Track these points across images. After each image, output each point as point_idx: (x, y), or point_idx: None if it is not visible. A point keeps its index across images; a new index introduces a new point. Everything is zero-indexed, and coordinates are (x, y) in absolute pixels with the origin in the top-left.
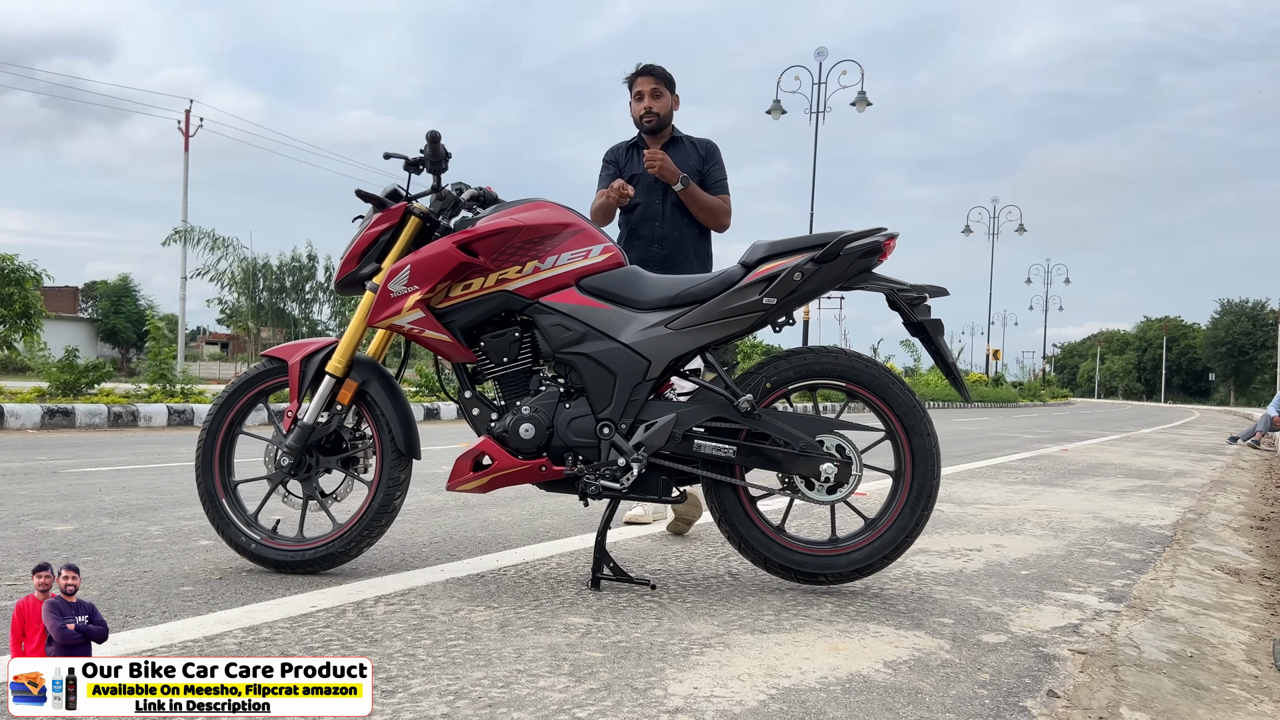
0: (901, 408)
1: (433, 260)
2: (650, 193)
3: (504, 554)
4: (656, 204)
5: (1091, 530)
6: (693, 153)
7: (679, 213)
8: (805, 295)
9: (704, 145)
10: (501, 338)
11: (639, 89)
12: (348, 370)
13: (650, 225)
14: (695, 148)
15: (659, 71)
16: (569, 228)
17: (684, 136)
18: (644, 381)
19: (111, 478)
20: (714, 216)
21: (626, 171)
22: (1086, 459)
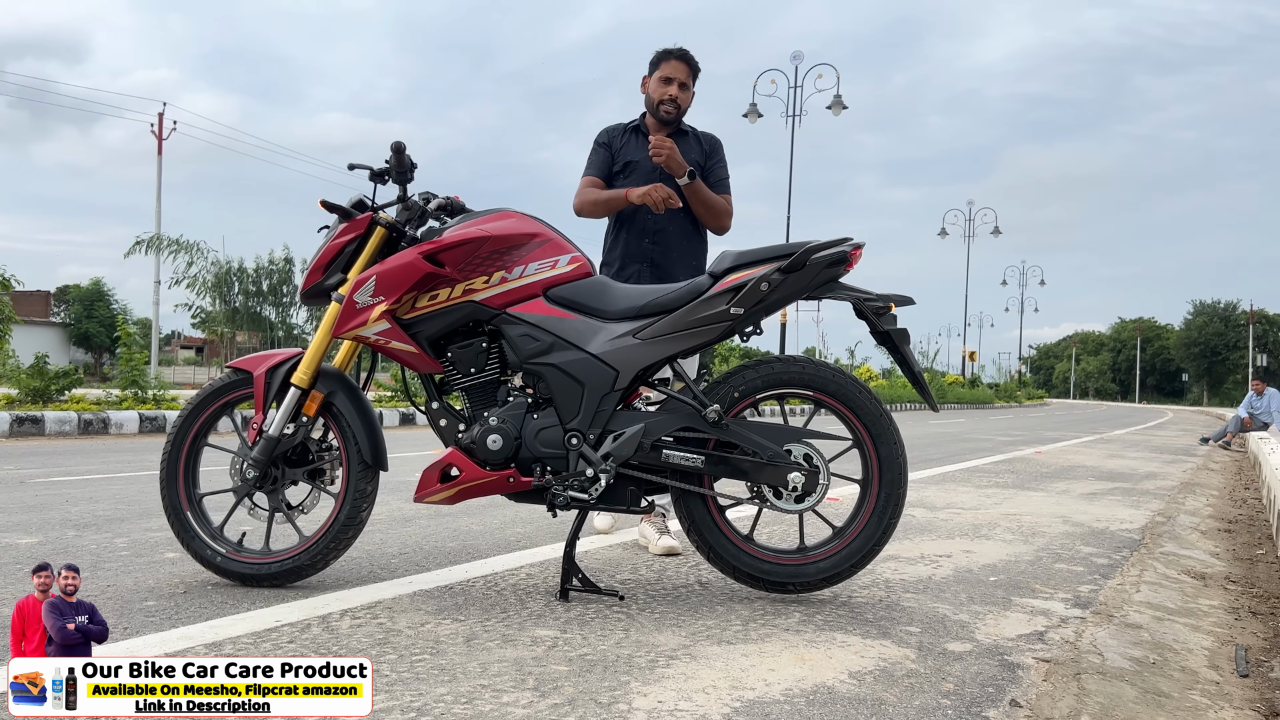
0: (868, 416)
1: (398, 271)
2: (647, 180)
3: (474, 564)
4: None
5: (1061, 535)
6: (695, 146)
7: (678, 209)
8: (772, 305)
9: (708, 139)
10: (469, 348)
11: (669, 73)
12: (313, 382)
13: (645, 219)
14: (699, 141)
15: (694, 62)
16: (536, 237)
17: (689, 129)
18: (612, 391)
19: (79, 488)
20: (716, 216)
21: (623, 156)
22: (1059, 461)
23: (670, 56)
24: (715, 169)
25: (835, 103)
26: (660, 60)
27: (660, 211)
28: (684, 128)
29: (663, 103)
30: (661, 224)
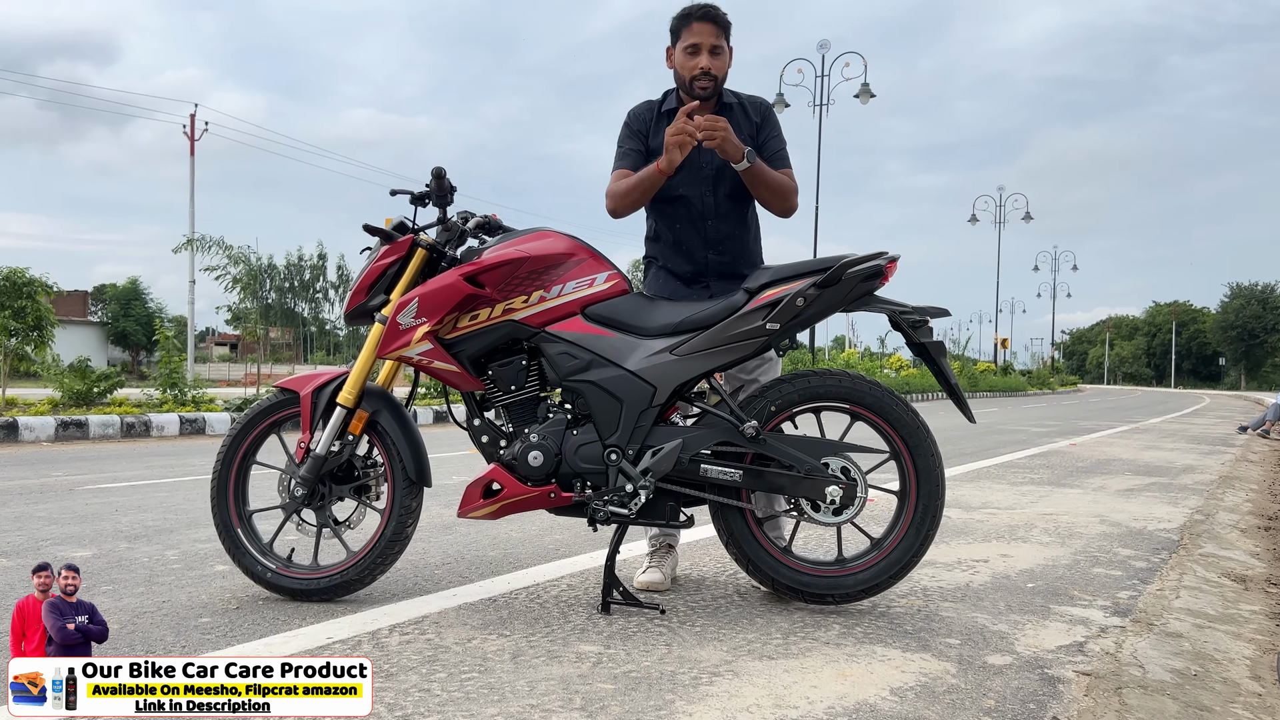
0: (905, 429)
1: (440, 293)
2: (696, 179)
3: (515, 575)
4: (706, 195)
5: (1099, 536)
6: (744, 120)
7: (735, 205)
8: (808, 319)
9: (757, 107)
10: (509, 366)
11: (694, 40)
12: (358, 401)
13: (700, 225)
14: (746, 112)
15: (722, 17)
16: (574, 256)
17: (734, 98)
18: (650, 408)
19: (126, 495)
20: (782, 197)
21: (659, 149)
22: (1094, 454)
23: (691, 19)
24: (770, 141)
25: (863, 91)
26: (680, 26)
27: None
28: (726, 99)
29: (696, 78)
30: (724, 232)
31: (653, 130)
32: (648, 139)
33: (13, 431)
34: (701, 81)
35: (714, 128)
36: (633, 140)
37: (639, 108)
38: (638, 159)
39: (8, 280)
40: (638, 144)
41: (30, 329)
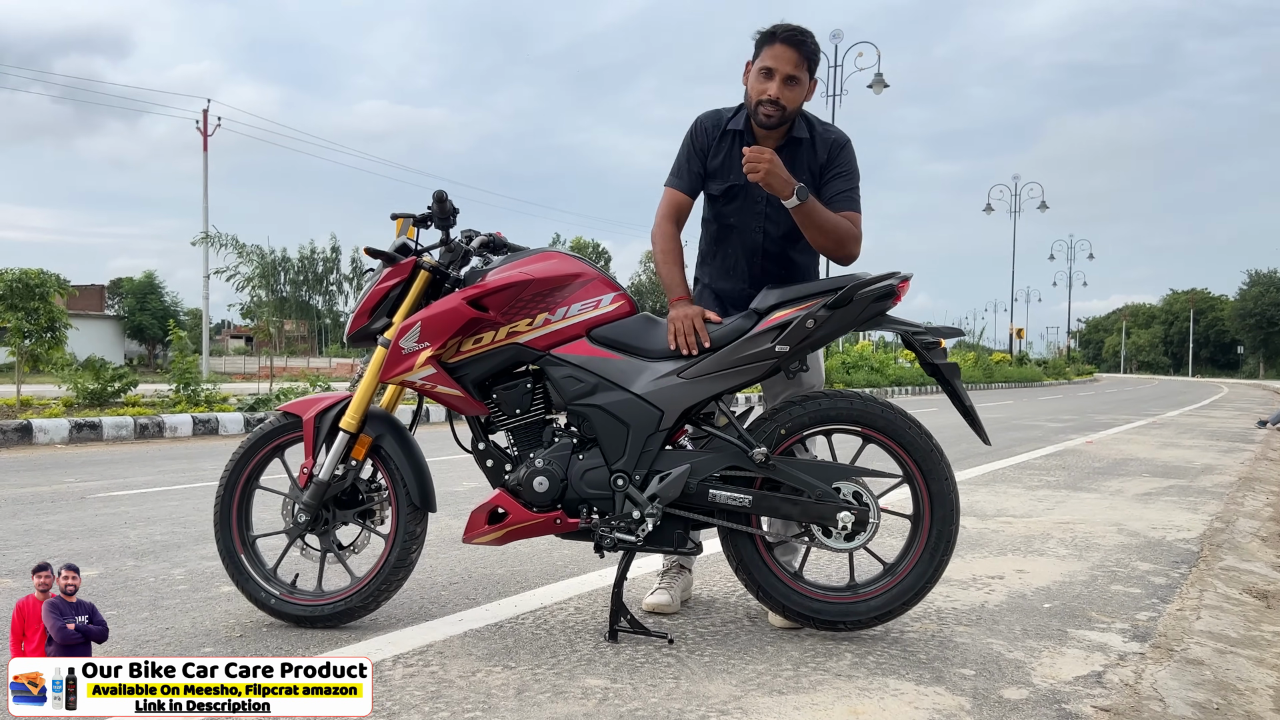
0: (918, 452)
1: (443, 317)
2: (750, 212)
3: (522, 597)
4: (756, 230)
5: (1116, 548)
6: (809, 155)
7: (789, 244)
8: (819, 341)
9: (830, 141)
10: (514, 389)
11: (770, 63)
12: (361, 425)
13: (751, 260)
14: (815, 145)
15: (809, 46)
16: (579, 277)
17: (804, 135)
18: (657, 432)
19: (137, 504)
20: (838, 244)
21: (720, 173)
22: (1111, 453)
23: (774, 40)
24: (834, 181)
25: (876, 81)
26: (761, 45)
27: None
28: (797, 134)
29: (761, 104)
30: (774, 268)
31: (714, 148)
32: (708, 158)
33: (27, 434)
34: (766, 109)
35: (758, 160)
36: (693, 159)
37: (706, 119)
38: (693, 182)
39: (20, 281)
40: (697, 164)
41: (44, 330)
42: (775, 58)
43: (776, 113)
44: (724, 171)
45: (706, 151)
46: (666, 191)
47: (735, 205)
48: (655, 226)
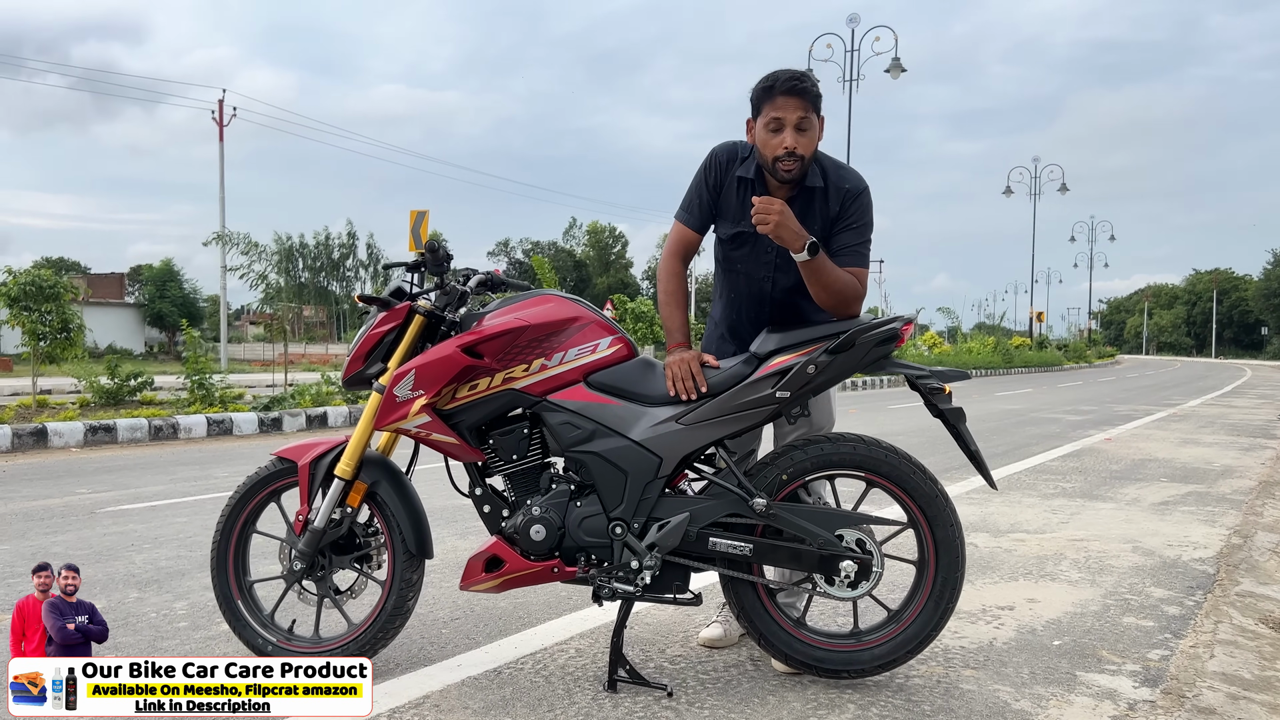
0: (923, 498)
1: (437, 365)
2: (758, 262)
3: (524, 636)
4: (765, 280)
5: (1130, 570)
6: (821, 205)
7: (799, 298)
8: (820, 386)
9: (843, 191)
10: (510, 435)
11: (778, 114)
12: (357, 472)
13: (758, 309)
14: (828, 196)
15: (812, 90)
16: (576, 321)
17: (817, 185)
18: (656, 479)
19: (146, 520)
20: (841, 302)
21: (729, 216)
22: (1130, 453)
23: (775, 92)
24: (844, 233)
25: (894, 66)
26: (761, 101)
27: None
28: (811, 183)
29: (779, 160)
30: (791, 318)
31: (728, 191)
32: (719, 195)
33: (42, 438)
34: (786, 164)
35: (768, 211)
36: (704, 193)
37: (722, 152)
38: (703, 218)
39: (33, 284)
40: (708, 199)
41: (57, 331)
42: (781, 109)
43: (796, 165)
44: (733, 216)
45: (719, 188)
46: (675, 226)
47: (743, 252)
48: (661, 263)
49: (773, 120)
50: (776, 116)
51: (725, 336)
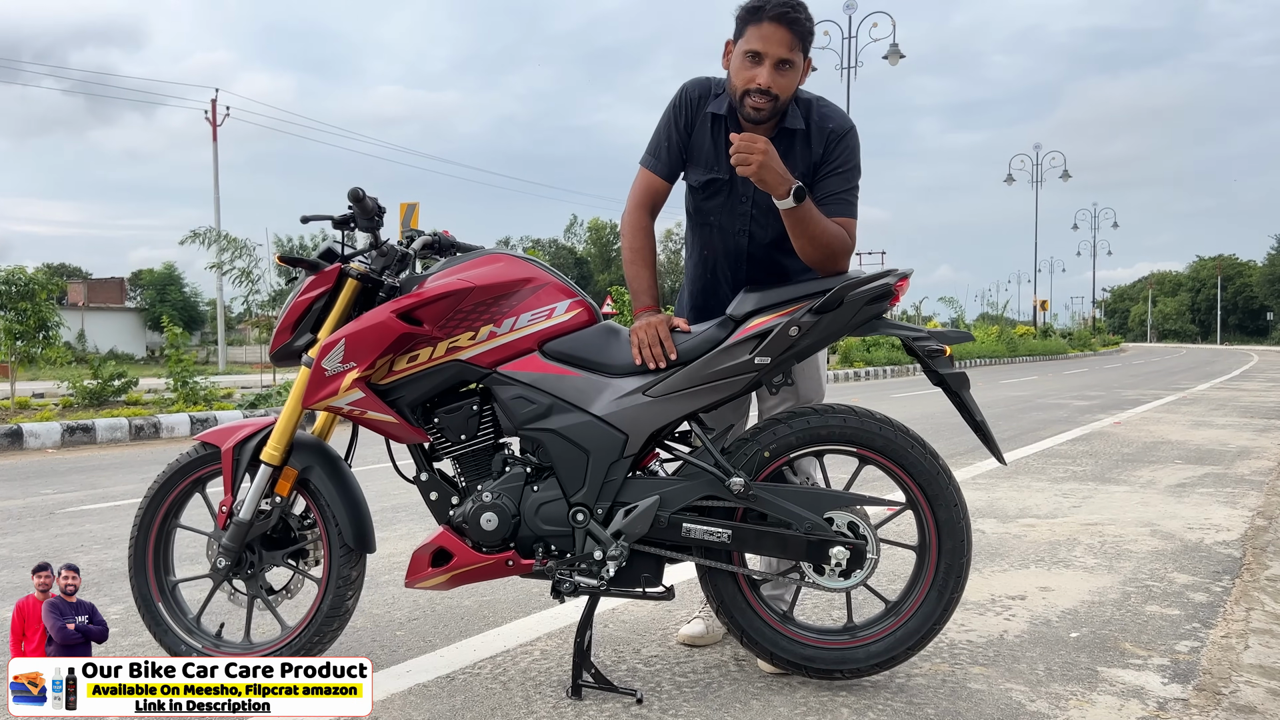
0: (923, 476)
1: (369, 333)
2: (732, 214)
3: (486, 637)
4: (740, 234)
5: (1150, 555)
6: (804, 146)
7: (778, 250)
8: (804, 351)
9: (826, 131)
10: (457, 413)
11: (757, 45)
12: (286, 457)
13: (734, 266)
14: (811, 138)
15: (804, 22)
16: (529, 283)
17: (801, 121)
18: (621, 459)
19: (104, 520)
20: (829, 255)
21: (700, 159)
22: (1141, 435)
23: (760, 16)
24: (829, 178)
25: (892, 52)
26: (746, 23)
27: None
28: (790, 124)
29: (749, 94)
30: (756, 274)
31: (700, 131)
32: (690, 136)
33: (18, 439)
34: (755, 100)
35: (750, 149)
36: (674, 134)
37: (693, 88)
38: (671, 164)
39: (6, 283)
40: (678, 139)
41: (35, 330)
42: (764, 39)
43: (768, 104)
44: (705, 160)
45: (691, 128)
46: (641, 174)
47: (717, 202)
48: (625, 216)
49: (752, 50)
50: (758, 48)
51: (698, 301)
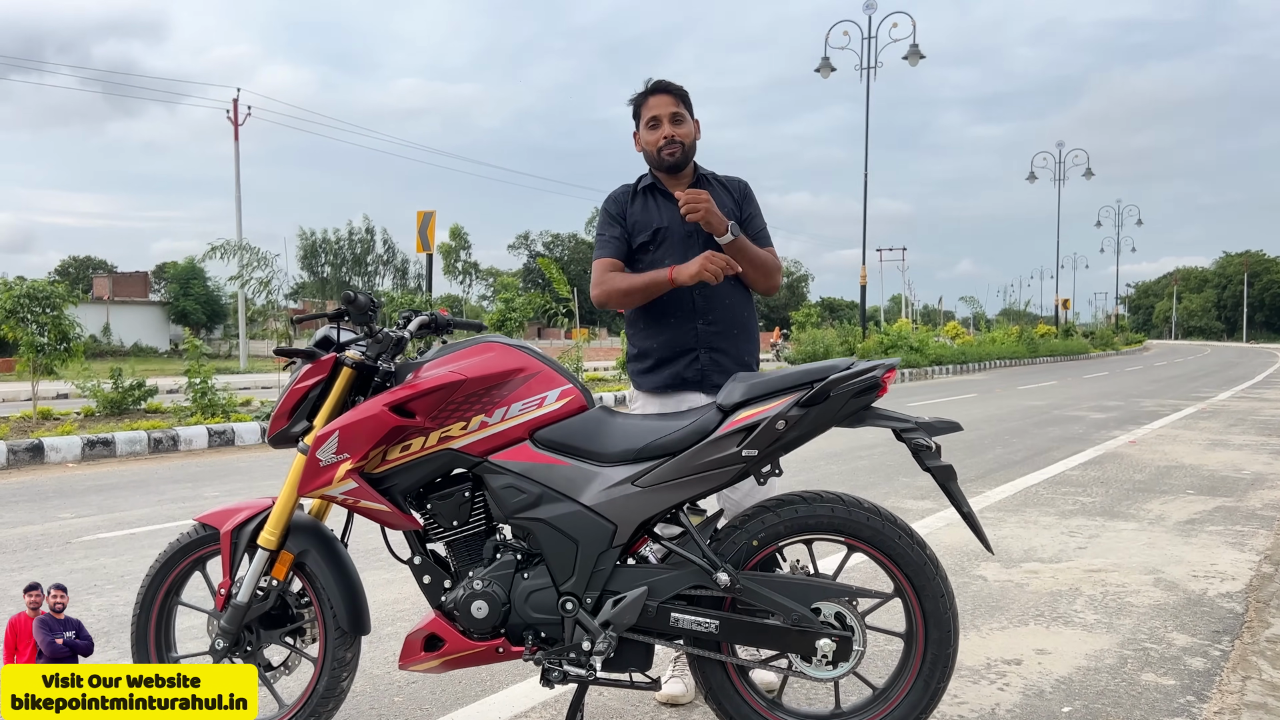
0: (910, 565)
1: (362, 426)
2: (681, 247)
3: (480, 706)
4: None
5: (1151, 610)
6: (724, 195)
7: (724, 290)
8: (791, 443)
9: (735, 185)
10: (449, 499)
11: (653, 113)
12: (282, 541)
13: (691, 297)
14: (726, 188)
15: (677, 89)
16: (520, 373)
17: (707, 173)
18: (610, 549)
19: (119, 553)
20: (767, 274)
21: (643, 225)
22: (1155, 457)
23: (646, 96)
24: (753, 218)
25: (912, 53)
26: (638, 105)
27: (719, 281)
28: (704, 173)
29: (662, 147)
30: (712, 300)
31: (629, 208)
32: (626, 219)
33: (39, 454)
34: (668, 149)
35: (696, 200)
36: (612, 226)
37: (617, 192)
38: (620, 246)
39: (28, 295)
40: (618, 229)
41: (56, 342)
42: (654, 107)
43: (678, 149)
44: (648, 220)
45: (623, 215)
46: (596, 263)
47: (665, 248)
48: (600, 287)
49: (651, 119)
50: (654, 115)
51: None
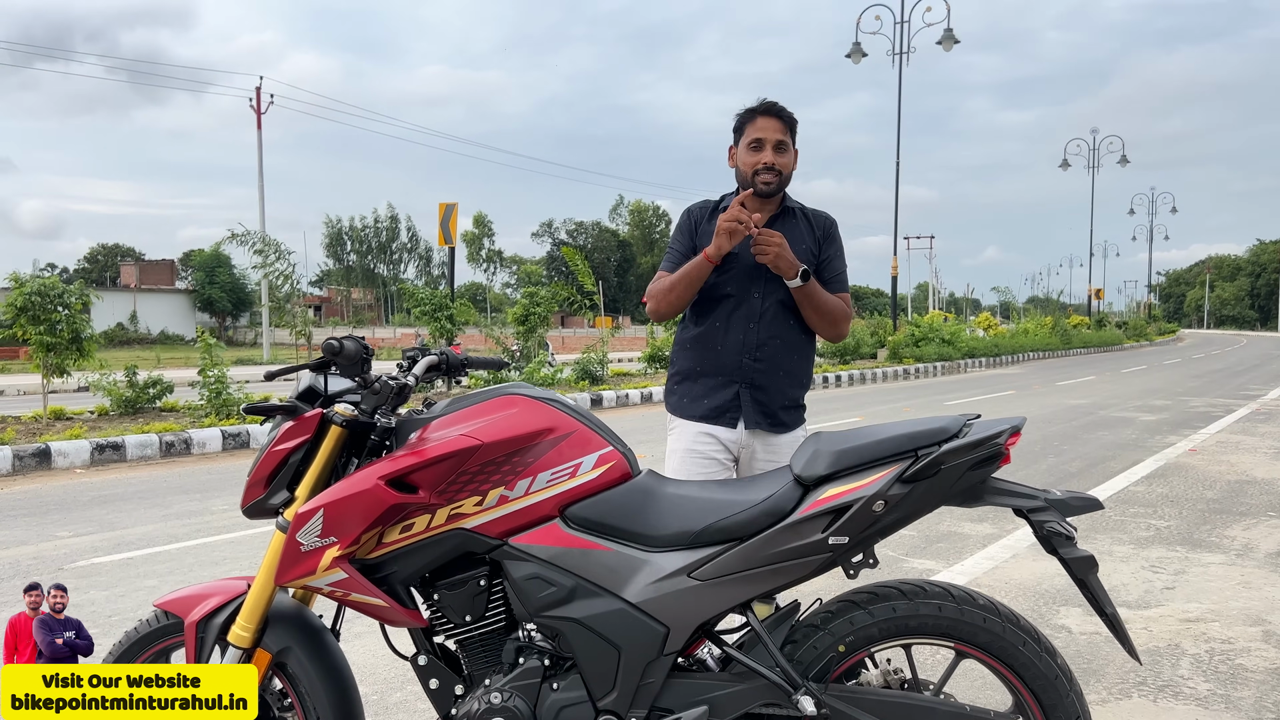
0: (1037, 680)
1: (352, 503)
2: (746, 278)
3: None
4: (755, 299)
5: (1269, 675)
6: (806, 231)
7: (786, 313)
8: (889, 528)
9: (821, 221)
10: (461, 589)
11: (758, 134)
12: (257, 639)
13: (744, 327)
14: (810, 223)
15: (788, 116)
16: (549, 434)
17: (795, 205)
18: (660, 657)
19: (111, 583)
20: (832, 323)
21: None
22: (1222, 470)
23: (755, 114)
24: (832, 261)
25: (946, 37)
26: (744, 122)
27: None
28: (789, 204)
29: (758, 172)
30: (767, 334)
31: (702, 228)
32: (695, 236)
33: (46, 459)
34: (765, 176)
35: (768, 242)
36: (680, 239)
37: (695, 206)
38: (679, 261)
39: (39, 294)
40: (684, 243)
41: (69, 343)
42: (761, 129)
43: (775, 178)
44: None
45: (694, 232)
46: (656, 276)
47: (731, 274)
48: (649, 299)
49: (754, 140)
50: (758, 137)
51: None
